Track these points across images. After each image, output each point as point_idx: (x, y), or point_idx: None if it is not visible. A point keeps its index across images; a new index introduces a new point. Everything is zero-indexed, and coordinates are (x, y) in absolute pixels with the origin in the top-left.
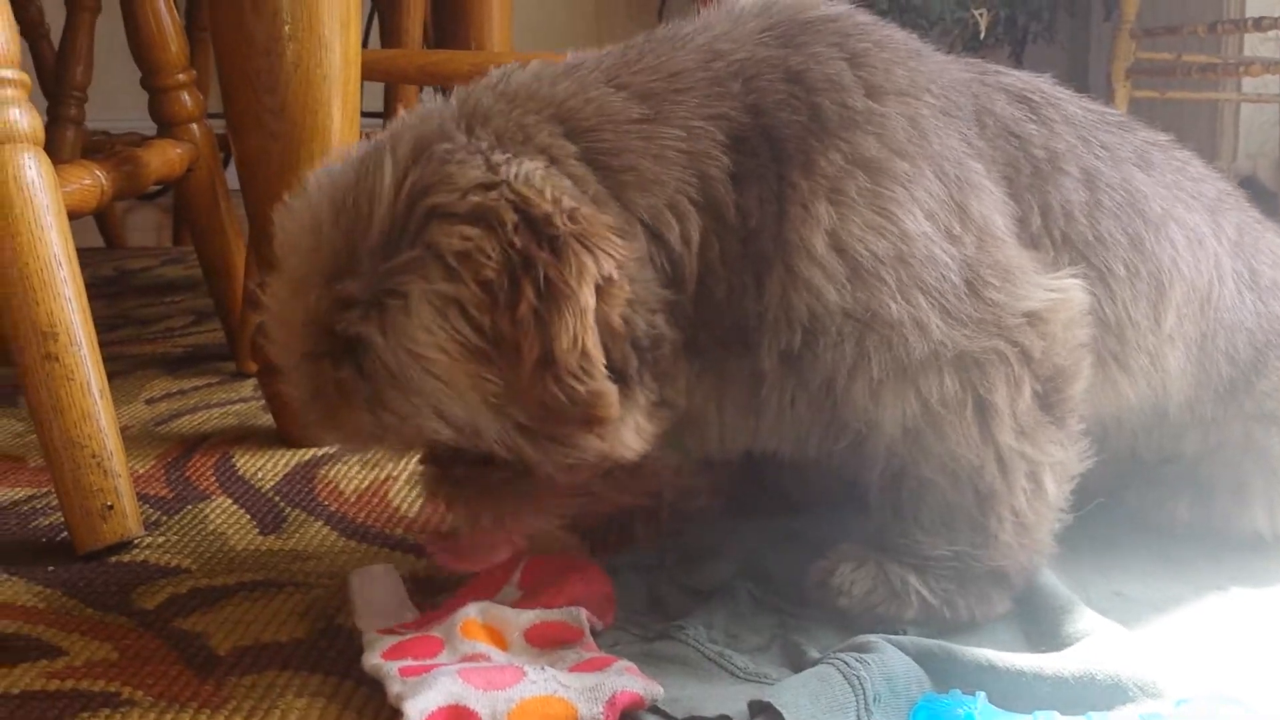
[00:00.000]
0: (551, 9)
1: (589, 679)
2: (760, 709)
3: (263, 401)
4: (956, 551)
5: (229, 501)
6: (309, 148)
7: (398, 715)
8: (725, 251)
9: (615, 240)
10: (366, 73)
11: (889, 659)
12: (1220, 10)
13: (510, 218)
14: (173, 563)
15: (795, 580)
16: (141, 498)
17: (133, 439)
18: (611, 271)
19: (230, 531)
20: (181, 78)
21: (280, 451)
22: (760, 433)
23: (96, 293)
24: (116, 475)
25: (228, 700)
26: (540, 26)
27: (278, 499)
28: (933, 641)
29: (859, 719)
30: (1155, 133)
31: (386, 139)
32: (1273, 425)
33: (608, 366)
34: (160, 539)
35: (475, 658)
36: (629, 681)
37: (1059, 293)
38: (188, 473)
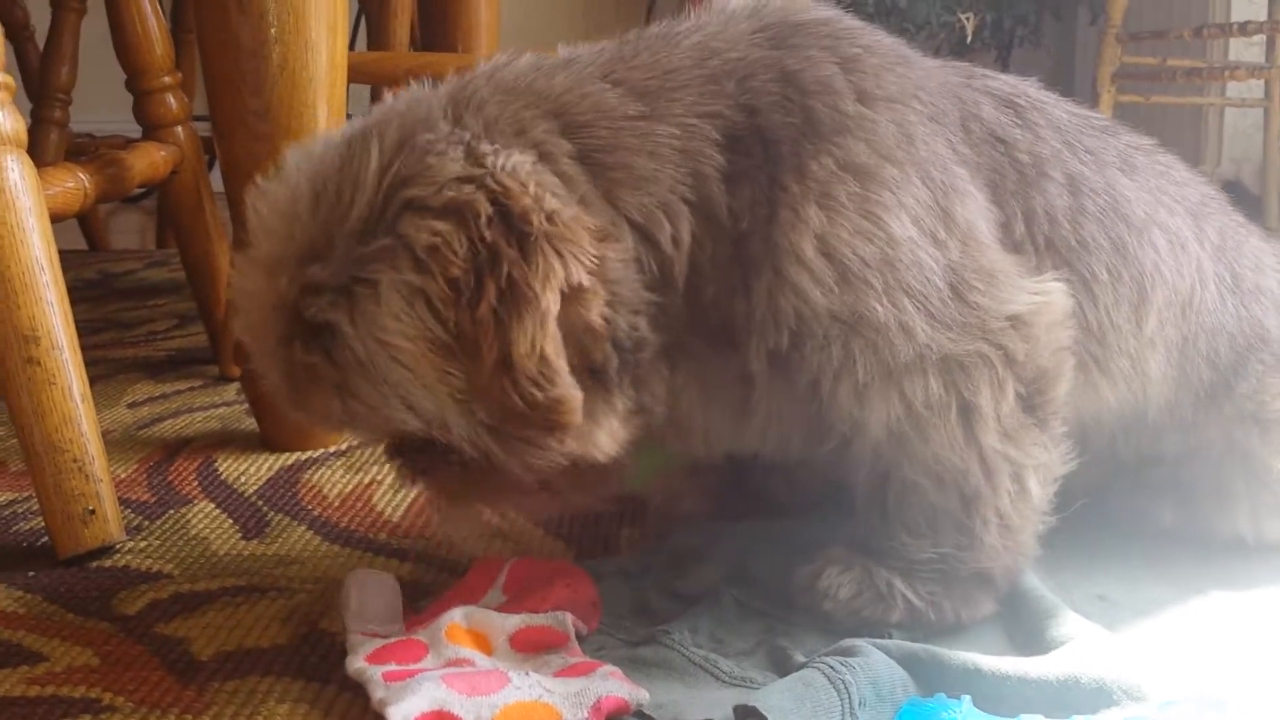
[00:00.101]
0: (539, 11)
1: (574, 684)
2: (745, 714)
3: (246, 405)
4: (941, 554)
5: (211, 506)
6: None
7: None
8: (716, 253)
9: (590, 248)
10: (353, 75)
11: (874, 663)
12: (1205, 15)
13: (485, 209)
14: (154, 568)
15: (781, 584)
16: (123, 502)
17: (115, 443)
18: (581, 279)
19: (213, 536)
20: (167, 80)
21: (263, 456)
22: (745, 434)
23: (79, 296)
24: (98, 480)
25: (210, 705)
26: (528, 29)
27: (261, 503)
28: (918, 645)
29: None
30: (1139, 137)
31: (374, 125)
32: (1253, 427)
33: (588, 365)
34: (142, 544)
35: (459, 662)
36: (614, 686)
37: (1042, 296)
38: (170, 477)
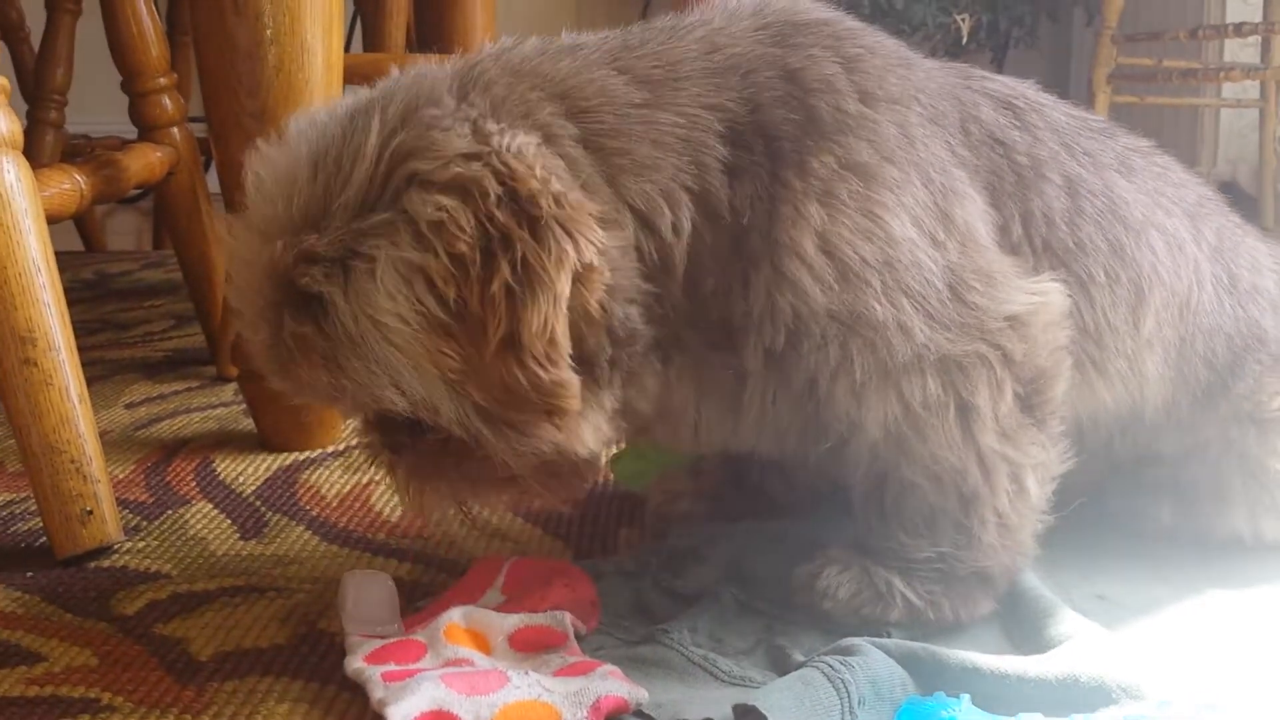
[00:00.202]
0: (533, 13)
1: (573, 683)
2: (745, 713)
3: (243, 406)
4: (940, 553)
5: (209, 506)
6: None
7: None
8: (715, 245)
9: (597, 229)
10: (348, 76)
11: (873, 662)
12: (1200, 16)
13: (493, 189)
14: (153, 568)
15: (780, 584)
16: (121, 503)
17: (112, 444)
18: (591, 258)
19: (211, 536)
20: (162, 81)
21: (261, 456)
22: (740, 430)
23: (76, 297)
24: (96, 480)
25: (209, 706)
26: (523, 31)
27: (259, 504)
28: (917, 644)
29: None
30: (1137, 139)
31: (377, 97)
32: (1250, 427)
33: (581, 354)
34: (140, 544)
35: (458, 662)
36: (613, 686)
37: (1040, 296)
38: (168, 478)
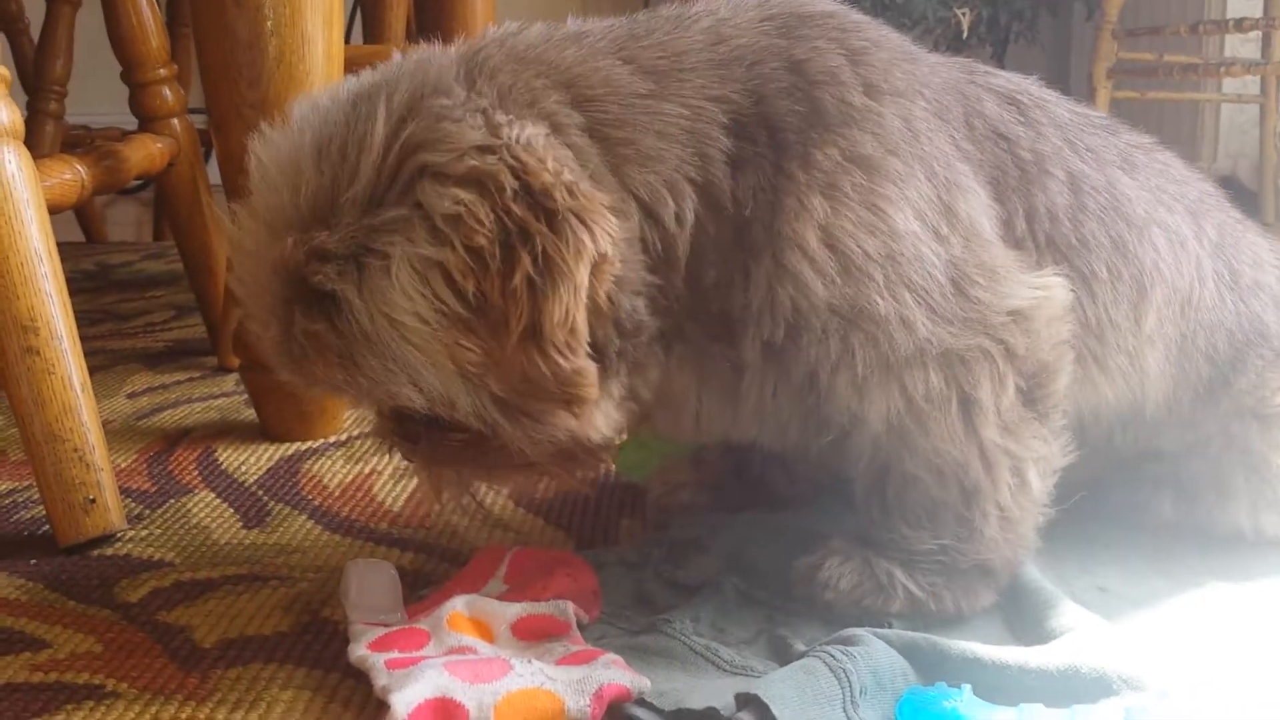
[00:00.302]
0: (534, 5)
1: (576, 672)
2: (747, 702)
3: (245, 396)
4: (942, 546)
5: (212, 495)
6: None
7: (384, 708)
8: (718, 236)
9: (610, 218)
10: (349, 68)
11: (875, 652)
12: (1201, 11)
13: (509, 183)
14: (156, 556)
15: (781, 574)
16: (124, 491)
17: (114, 433)
18: (607, 249)
19: (213, 525)
20: (162, 72)
21: (263, 446)
22: (739, 421)
23: (77, 287)
24: (98, 469)
25: (213, 693)
26: (525, 19)
27: (261, 493)
28: (918, 634)
29: (845, 711)
30: (1139, 135)
31: (381, 83)
32: (1252, 422)
33: (591, 345)
34: (143, 532)
35: (461, 650)
36: (616, 674)
37: (1043, 291)
38: (170, 467)
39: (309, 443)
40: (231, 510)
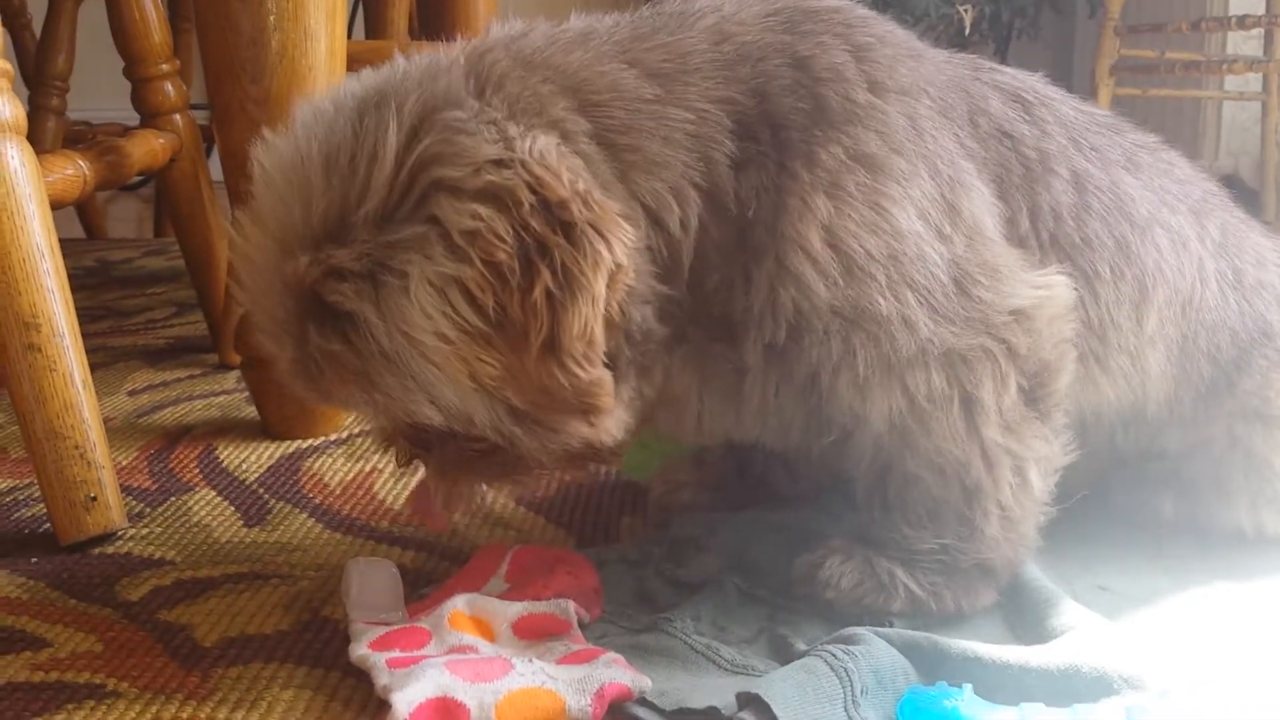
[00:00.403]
0: (536, 1)
1: (577, 671)
2: (748, 701)
3: (246, 394)
4: (943, 545)
5: (213, 493)
6: None
7: (385, 707)
8: (721, 239)
9: (626, 227)
10: (351, 64)
11: (876, 651)
12: (1203, 8)
13: (526, 198)
14: (157, 554)
15: (782, 573)
16: (125, 489)
17: (115, 431)
18: (622, 259)
19: (214, 523)
20: (165, 68)
21: (264, 444)
22: (742, 422)
23: (77, 284)
24: (100, 466)
25: (214, 692)
26: (526, 14)
27: (262, 491)
28: (919, 634)
29: (846, 710)
30: (1143, 134)
31: (389, 91)
32: (1256, 423)
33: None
34: (144, 531)
35: (463, 649)
36: (617, 673)
37: (1045, 290)
38: (171, 465)
39: (310, 440)
40: (232, 508)
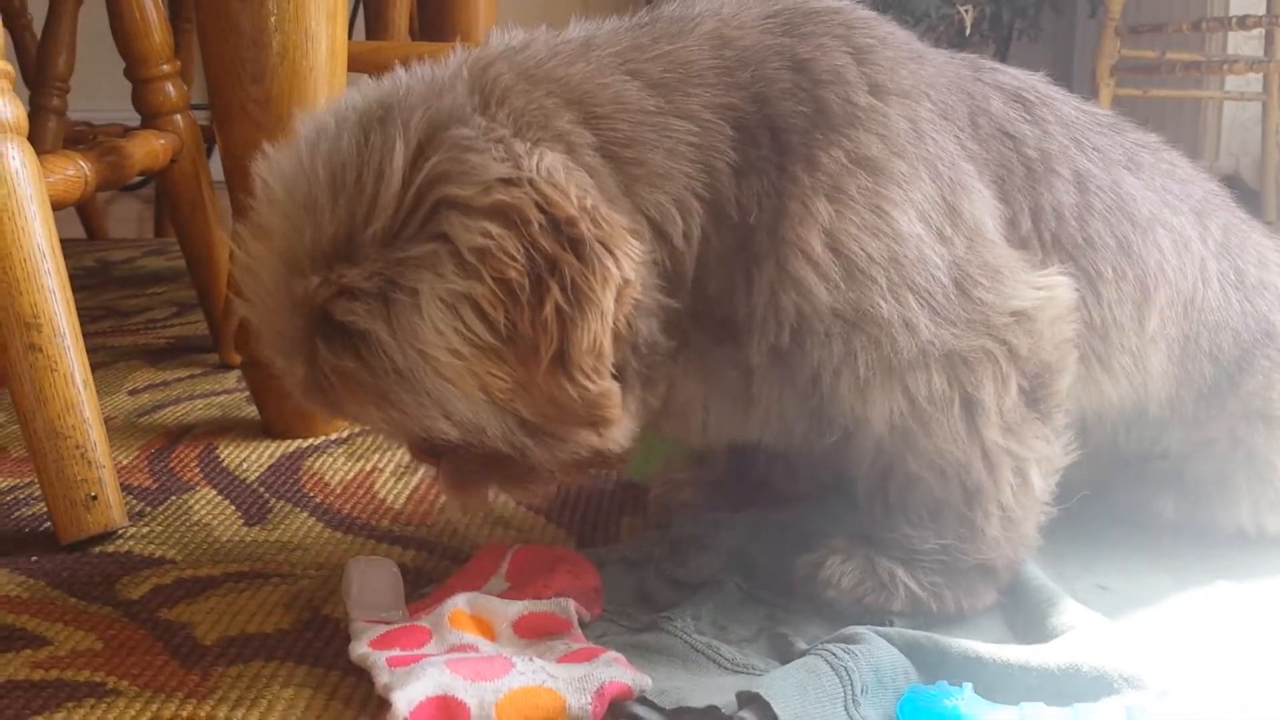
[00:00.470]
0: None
1: (577, 670)
2: (748, 700)
3: (246, 393)
4: (944, 545)
5: (213, 492)
6: None
7: (385, 705)
8: (722, 246)
9: (633, 243)
10: (352, 64)
11: (876, 650)
12: (1204, 8)
13: (535, 217)
14: (157, 553)
15: (783, 573)
16: (125, 488)
17: (116, 430)
18: (630, 274)
19: (215, 522)
20: (165, 68)
21: (265, 443)
22: (747, 424)
23: (78, 284)
24: (100, 466)
25: (214, 690)
26: (525, 18)
27: (262, 490)
28: (920, 633)
29: (847, 710)
30: (1145, 134)
31: (393, 107)
32: (1259, 424)
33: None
34: (144, 529)
35: (463, 648)
36: (617, 672)
37: (1046, 290)
38: (171, 464)
39: (310, 440)
40: (233, 507)
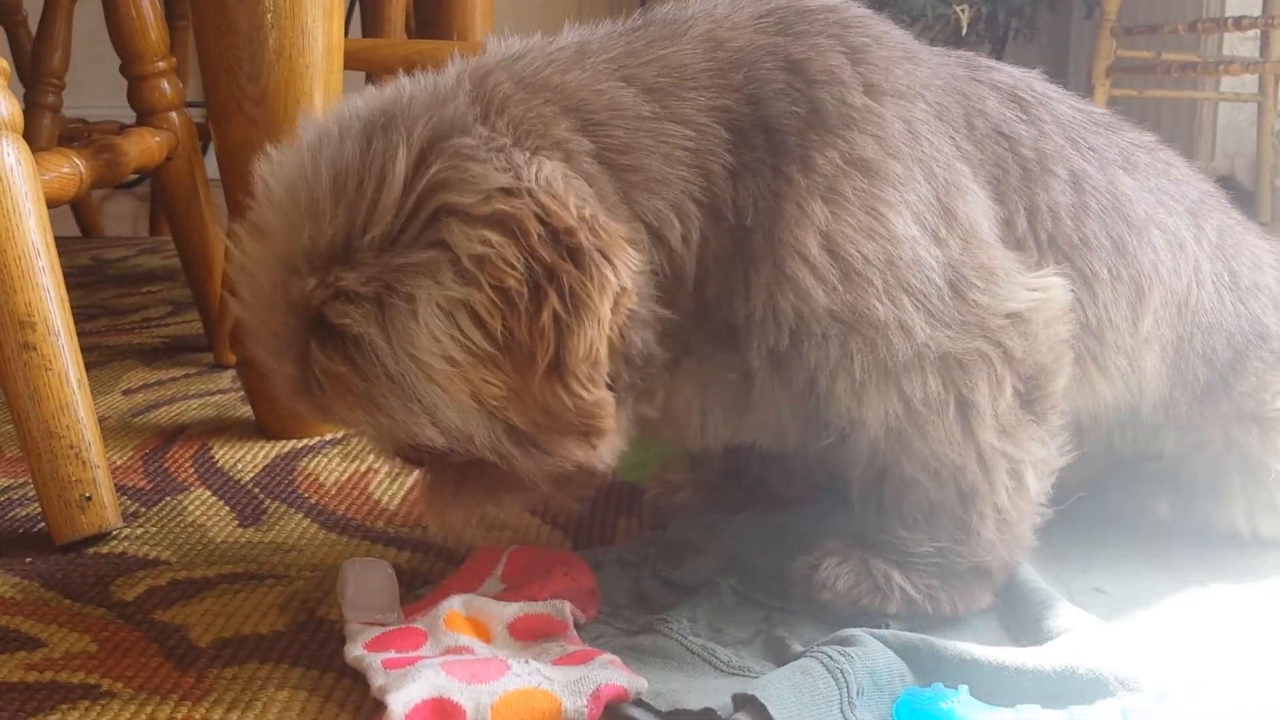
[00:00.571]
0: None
1: (573, 672)
2: (744, 702)
3: (241, 393)
4: (939, 547)
5: (208, 493)
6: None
7: (380, 708)
8: (720, 249)
9: (630, 251)
10: (348, 62)
11: (872, 652)
12: (1200, 9)
13: (534, 227)
14: (152, 554)
15: (779, 575)
16: (119, 489)
17: (110, 430)
18: (627, 282)
19: (209, 523)
20: (161, 65)
21: (259, 443)
22: (743, 428)
23: (73, 282)
24: (94, 466)
25: (209, 692)
26: (521, 16)
27: (257, 491)
28: (915, 635)
29: (842, 712)
30: (1141, 133)
31: (395, 115)
32: (1252, 426)
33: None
34: (139, 530)
35: (458, 650)
36: (613, 675)
37: (1041, 292)
38: (166, 464)
39: (305, 440)
40: (227, 508)
